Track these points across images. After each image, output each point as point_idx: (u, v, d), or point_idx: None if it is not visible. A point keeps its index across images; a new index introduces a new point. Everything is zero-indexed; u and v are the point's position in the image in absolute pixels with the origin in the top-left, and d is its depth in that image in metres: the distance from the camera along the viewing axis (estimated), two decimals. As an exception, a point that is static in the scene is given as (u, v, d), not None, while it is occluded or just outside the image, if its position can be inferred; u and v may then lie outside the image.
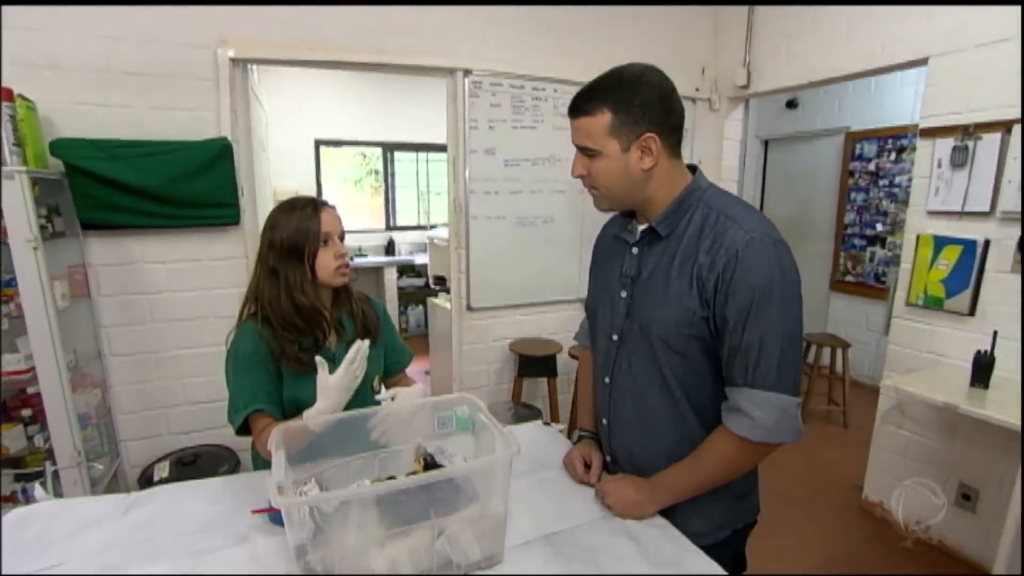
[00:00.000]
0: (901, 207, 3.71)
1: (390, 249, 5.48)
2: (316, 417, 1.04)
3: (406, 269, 5.45)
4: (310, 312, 1.18)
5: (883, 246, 3.84)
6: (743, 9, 2.97)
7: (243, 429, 1.18)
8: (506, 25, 2.68)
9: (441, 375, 3.08)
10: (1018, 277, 2.00)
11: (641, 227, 1.03)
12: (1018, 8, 1.95)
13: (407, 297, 5.43)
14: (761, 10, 2.90)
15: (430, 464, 1.02)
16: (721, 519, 1.05)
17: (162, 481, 2.07)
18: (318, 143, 5.04)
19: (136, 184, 2.00)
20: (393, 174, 5.63)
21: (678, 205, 0.98)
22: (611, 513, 1.05)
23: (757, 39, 2.94)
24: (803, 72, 2.71)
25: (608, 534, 1.00)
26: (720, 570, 0.91)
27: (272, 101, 4.38)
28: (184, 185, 2.04)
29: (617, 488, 1.06)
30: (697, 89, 3.22)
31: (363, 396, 1.29)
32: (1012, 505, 1.71)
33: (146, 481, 2.10)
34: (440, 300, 3.60)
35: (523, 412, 2.65)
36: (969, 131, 2.08)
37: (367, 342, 1.13)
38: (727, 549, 1.06)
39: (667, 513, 1.04)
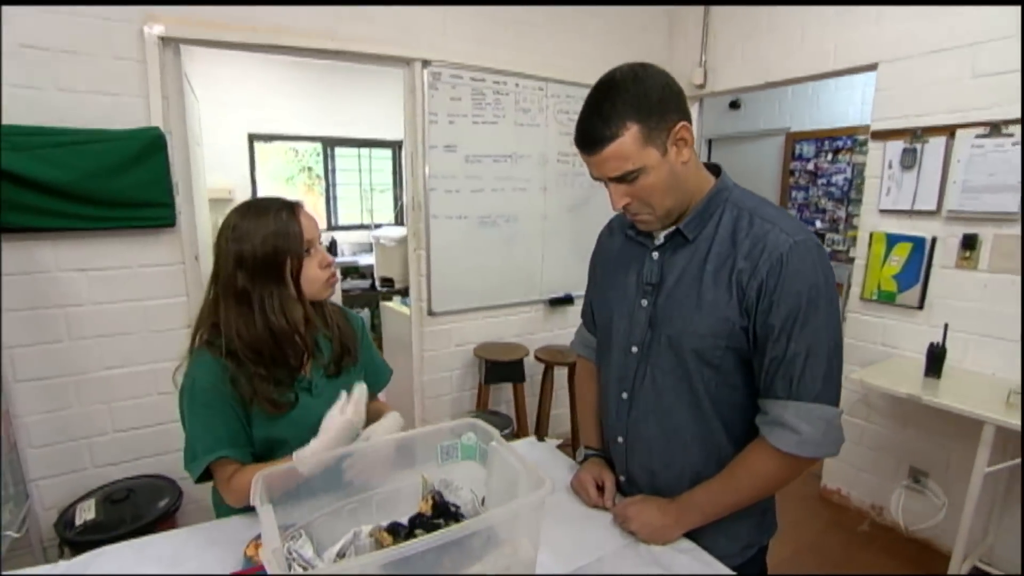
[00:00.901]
0: (838, 205, 3.92)
1: (332, 250, 5.18)
2: (308, 459, 0.88)
3: (350, 270, 5.17)
4: (288, 338, 1.01)
5: (823, 242, 4.06)
6: (699, 9, 3.00)
7: (204, 476, 1.00)
8: (465, 16, 2.55)
9: (399, 384, 2.91)
10: (961, 272, 2.13)
11: (662, 231, 0.96)
12: (960, 19, 2.06)
13: (352, 300, 5.14)
14: (717, 11, 2.94)
15: (439, 503, 0.90)
16: (749, 537, 1.00)
17: (87, 524, 1.79)
18: (252, 137, 4.66)
19: (45, 179, 1.71)
20: (334, 171, 5.33)
21: (706, 206, 0.91)
22: (634, 539, 0.97)
23: (713, 39, 2.98)
24: (759, 73, 2.77)
25: (636, 564, 0.93)
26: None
27: (200, 90, 3.99)
28: (107, 181, 1.76)
29: (641, 512, 0.98)
30: (653, 88, 3.23)
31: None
32: (971, 489, 1.80)
33: (66, 526, 1.80)
34: (394, 304, 3.41)
35: (492, 420, 2.54)
36: (917, 134, 2.19)
37: (363, 387, 1.00)
38: (754, 567, 1.01)
39: (692, 534, 0.98)
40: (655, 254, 0.96)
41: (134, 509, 1.87)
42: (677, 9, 3.14)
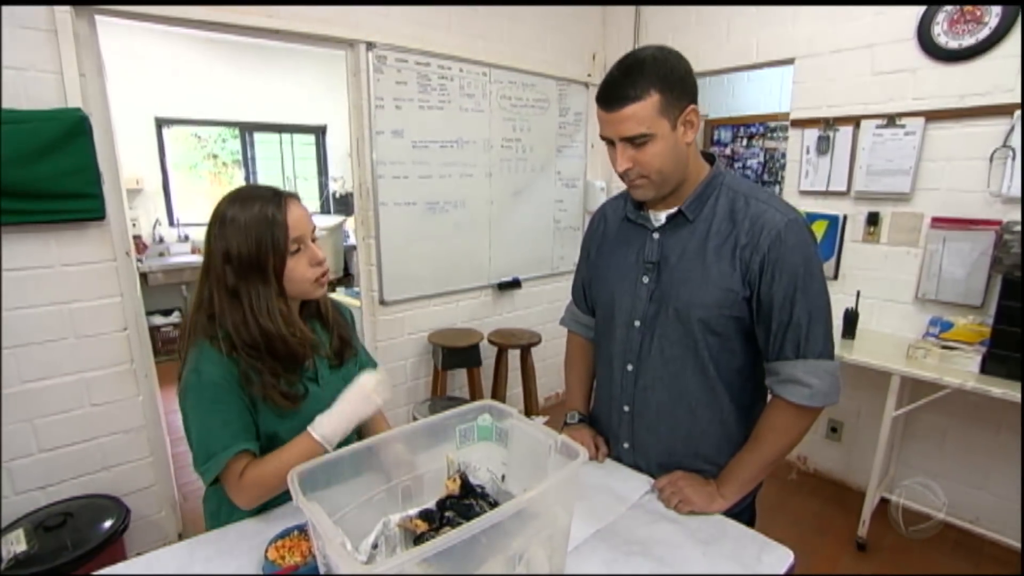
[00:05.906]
0: (752, 188, 4.27)
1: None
2: (326, 430, 0.92)
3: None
4: (281, 339, 0.97)
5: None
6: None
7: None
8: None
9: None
10: (867, 246, 2.43)
11: (663, 212, 1.03)
12: (859, 24, 2.32)
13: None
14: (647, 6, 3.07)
15: (466, 483, 0.92)
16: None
17: (17, 558, 1.60)
18: (159, 122, 4.23)
19: (-61, 169, 1.48)
20: (253, 158, 4.98)
21: (704, 189, 1.00)
22: (634, 505, 1.04)
23: (645, 29, 3.12)
24: (690, 63, 2.93)
25: (647, 521, 1.00)
26: (769, 539, 0.95)
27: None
28: (20, 170, 1.54)
29: (689, 484, 1.02)
30: (589, 75, 3.33)
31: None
32: (882, 429, 2.09)
33: (-8, 559, 1.60)
34: (338, 295, 3.30)
35: (451, 405, 2.55)
36: (829, 123, 2.45)
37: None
38: (749, 508, 1.13)
39: None
40: (656, 235, 1.03)
41: (74, 535, 1.70)
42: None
